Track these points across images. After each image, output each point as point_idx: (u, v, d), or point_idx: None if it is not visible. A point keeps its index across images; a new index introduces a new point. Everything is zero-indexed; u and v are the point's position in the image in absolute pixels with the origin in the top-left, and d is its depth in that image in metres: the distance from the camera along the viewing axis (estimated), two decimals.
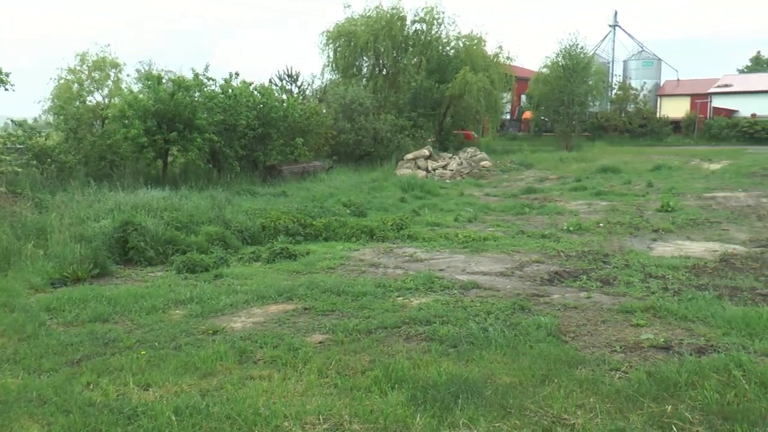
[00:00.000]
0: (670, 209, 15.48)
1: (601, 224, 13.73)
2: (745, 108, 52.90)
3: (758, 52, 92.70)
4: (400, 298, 7.82)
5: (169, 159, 21.85)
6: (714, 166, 29.41)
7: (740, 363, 5.14)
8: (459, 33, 40.65)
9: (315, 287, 8.24)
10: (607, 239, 12.11)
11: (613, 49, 63.58)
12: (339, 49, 38.70)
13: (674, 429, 4.28)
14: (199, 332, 6.64)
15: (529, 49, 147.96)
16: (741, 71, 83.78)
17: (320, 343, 6.21)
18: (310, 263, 10.11)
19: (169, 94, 20.00)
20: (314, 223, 13.18)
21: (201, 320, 7.08)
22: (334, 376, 5.30)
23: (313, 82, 38.54)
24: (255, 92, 24.41)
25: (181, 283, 8.95)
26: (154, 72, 23.52)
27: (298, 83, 36.16)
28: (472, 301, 7.58)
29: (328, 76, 40.24)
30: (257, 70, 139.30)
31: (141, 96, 20.42)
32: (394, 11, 37.96)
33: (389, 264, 10.12)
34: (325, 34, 39.21)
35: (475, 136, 41.62)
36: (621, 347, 5.89)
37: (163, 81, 21.42)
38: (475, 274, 9.24)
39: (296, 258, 10.58)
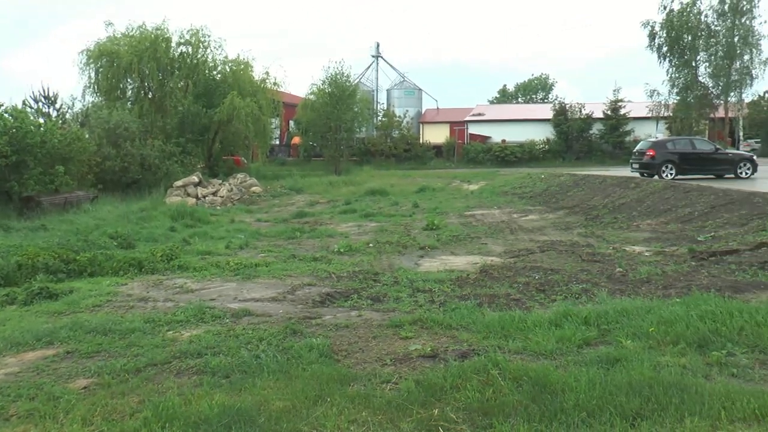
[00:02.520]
0: (434, 227, 16.39)
1: (371, 244, 14.18)
2: (497, 134, 57.81)
3: (504, 85, 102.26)
4: (171, 332, 7.44)
5: None
6: (472, 187, 31.73)
7: (497, 363, 5.51)
8: (226, 57, 40.27)
9: (79, 328, 7.55)
10: (376, 258, 12.52)
11: (377, 78, 66.58)
12: (101, 69, 36.38)
13: (441, 430, 4.48)
14: None
15: (295, 75, 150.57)
16: (491, 101, 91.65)
17: (84, 388, 5.69)
18: (73, 302, 9.29)
19: None
20: (78, 258, 12.15)
21: None
22: (100, 423, 4.87)
23: (73, 105, 36.19)
24: (6, 115, 22.28)
25: None
26: None
27: (57, 105, 33.68)
28: (244, 328, 7.41)
29: (89, 98, 37.91)
30: (7, 89, 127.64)
31: None
32: (159, 32, 36.67)
33: (159, 297, 9.63)
34: (85, 53, 36.68)
35: (245, 161, 41.30)
36: (391, 360, 6.06)
37: None
38: (247, 301, 9.08)
39: (58, 297, 9.65)
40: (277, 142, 58.07)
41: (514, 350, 6.13)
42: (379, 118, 58.80)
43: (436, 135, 59.28)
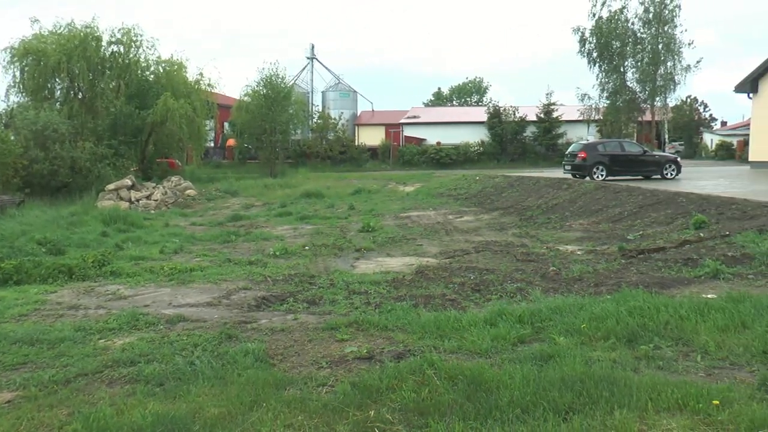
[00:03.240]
0: (370, 229, 16.43)
1: (307, 247, 14.12)
2: (432, 136, 58.33)
3: (439, 88, 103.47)
4: (102, 341, 7.23)
5: None
6: (408, 189, 31.91)
7: (432, 362, 5.56)
8: (159, 57, 39.21)
9: (3, 339, 7.25)
10: (312, 261, 12.48)
11: (312, 80, 66.43)
12: (27, 68, 34.79)
13: (377, 431, 4.50)
14: None
15: (230, 76, 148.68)
16: (426, 104, 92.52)
17: (8, 402, 5.47)
18: None
19: None
20: (2, 265, 11.65)
21: None
22: None
23: None
24: None
25: None
26: None
27: None
28: (178, 335, 7.27)
29: (14, 98, 36.30)
30: None
31: None
32: (89, 30, 35.46)
33: (90, 304, 9.34)
34: (9, 50, 35.15)
35: (180, 164, 40.54)
36: (327, 363, 6.04)
37: None
38: (182, 307, 8.93)
39: None
40: (212, 145, 57.29)
41: (449, 350, 6.20)
42: (315, 120, 58.62)
43: (371, 137, 59.46)
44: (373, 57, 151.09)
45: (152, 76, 38.84)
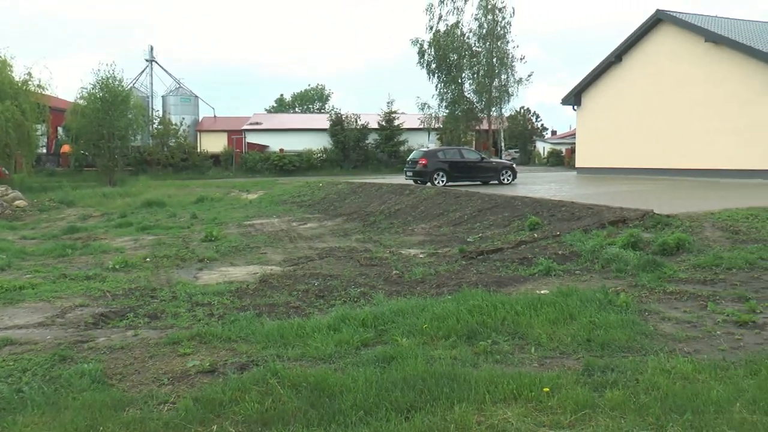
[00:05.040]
0: (214, 238, 16.04)
1: (148, 259, 13.57)
2: (275, 143, 58.03)
3: (281, 95, 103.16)
4: None
5: None
6: (251, 196, 31.54)
7: (276, 371, 5.52)
8: None
9: None
10: (154, 274, 12.00)
11: (152, 84, 64.17)
12: None
13: None
14: None
15: (64, 78, 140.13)
16: (269, 110, 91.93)
17: None
18: None
19: None
20: None
21: None
22: None
23: None
24: None
25: None
26: None
27: None
28: (4, 360, 6.70)
29: None
30: None
31: None
32: None
33: None
34: None
35: (7, 172, 37.45)
36: (169, 379, 5.83)
37: None
38: (9, 329, 8.24)
39: None
40: (45, 151, 53.73)
41: (293, 357, 6.18)
42: (155, 125, 56.66)
43: (213, 144, 58.27)
44: (215, 61, 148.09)
45: None
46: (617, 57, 31.56)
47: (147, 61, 64.43)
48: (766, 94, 24.20)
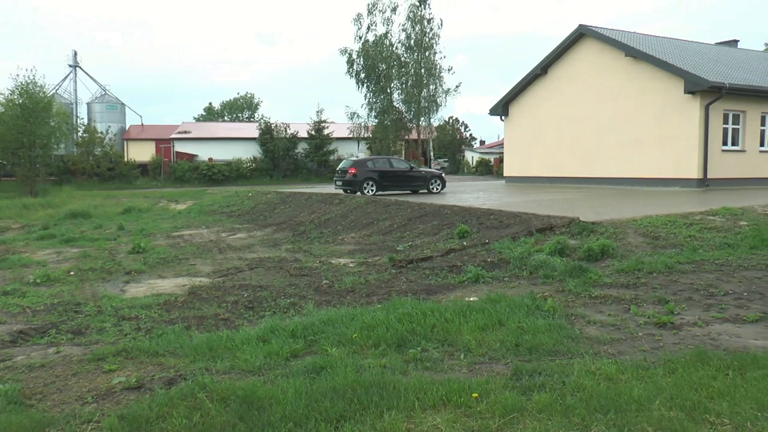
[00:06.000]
0: (141, 250, 15.71)
1: (72, 272, 13.17)
2: (204, 152, 57.26)
3: (210, 103, 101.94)
4: None
5: None
6: (180, 207, 31.02)
7: (204, 385, 5.44)
8: None
9: None
10: (78, 287, 11.66)
11: (76, 90, 62.56)
12: None
13: None
14: None
15: None
16: (198, 119, 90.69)
17: None
18: None
19: None
20: None
21: None
22: None
23: None
24: None
25: None
26: None
27: None
28: None
29: None
30: None
31: None
32: None
33: None
34: None
35: None
36: (93, 397, 5.65)
37: None
38: None
39: None
40: None
41: (222, 370, 6.10)
42: (80, 134, 55.09)
43: (141, 153, 57.15)
44: (142, 68, 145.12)
45: None
46: (543, 69, 32.32)
47: (70, 66, 62.69)
48: (679, 106, 25.24)
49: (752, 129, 26.72)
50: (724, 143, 25.97)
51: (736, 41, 37.21)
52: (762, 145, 27.33)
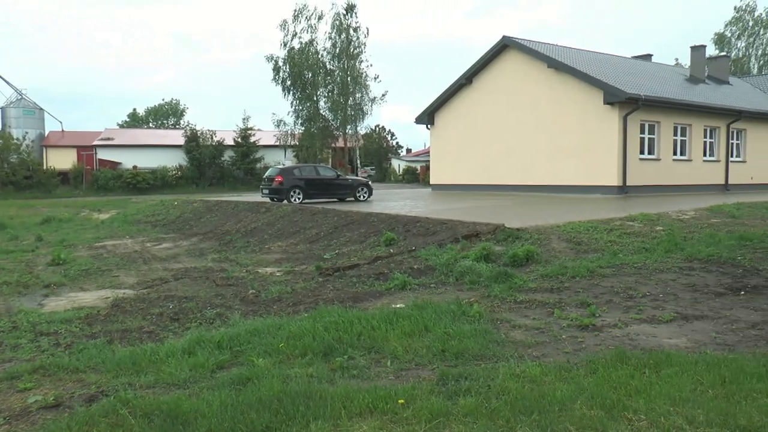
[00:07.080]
0: (62, 262, 15.21)
1: None
2: (128, 160, 55.91)
3: (134, 109, 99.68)
4: None
5: None
6: (103, 216, 30.21)
7: (127, 401, 5.32)
8: None
9: None
10: None
11: None
12: None
13: None
14: None
15: None
16: (121, 125, 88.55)
17: None
18: None
19: None
20: None
21: None
22: None
23: None
24: None
25: None
26: None
27: None
28: None
29: None
30: None
31: None
32: None
33: None
34: None
35: None
36: (5, 418, 5.39)
37: None
38: None
39: None
40: None
41: (146, 385, 5.97)
42: None
43: (62, 160, 55.36)
44: (62, 72, 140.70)
45: None
46: (468, 79, 32.86)
47: None
48: (599, 116, 26.13)
49: (666, 138, 27.93)
50: (641, 152, 27.06)
51: (650, 55, 38.70)
52: (675, 153, 28.60)
